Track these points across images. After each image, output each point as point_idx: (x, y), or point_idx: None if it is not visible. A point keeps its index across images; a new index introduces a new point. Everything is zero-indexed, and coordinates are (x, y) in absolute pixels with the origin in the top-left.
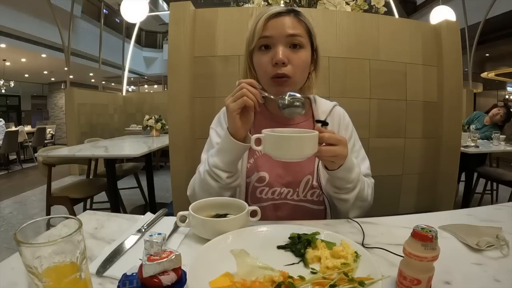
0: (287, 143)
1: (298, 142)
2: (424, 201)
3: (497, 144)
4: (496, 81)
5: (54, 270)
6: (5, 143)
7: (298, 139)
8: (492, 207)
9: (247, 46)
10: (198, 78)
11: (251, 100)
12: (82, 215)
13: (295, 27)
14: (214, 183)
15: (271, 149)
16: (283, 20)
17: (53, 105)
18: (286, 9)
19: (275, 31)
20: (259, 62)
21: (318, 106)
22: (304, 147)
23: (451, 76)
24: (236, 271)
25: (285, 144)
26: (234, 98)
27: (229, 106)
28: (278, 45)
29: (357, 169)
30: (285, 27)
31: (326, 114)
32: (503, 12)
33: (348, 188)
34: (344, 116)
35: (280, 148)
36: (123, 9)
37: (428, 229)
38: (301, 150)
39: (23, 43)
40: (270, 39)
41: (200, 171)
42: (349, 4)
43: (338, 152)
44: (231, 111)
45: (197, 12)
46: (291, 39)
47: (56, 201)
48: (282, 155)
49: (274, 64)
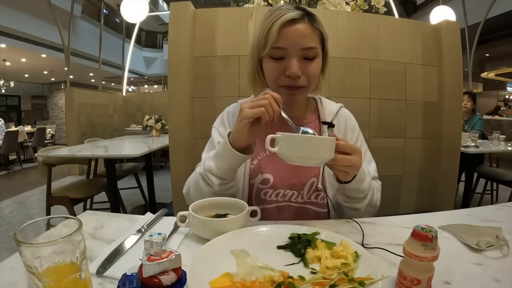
0: (306, 145)
1: (318, 144)
2: (424, 201)
3: (497, 144)
4: (496, 81)
5: (54, 270)
6: (5, 143)
7: (318, 141)
8: (492, 207)
9: (257, 51)
10: (198, 78)
11: (269, 114)
12: (82, 215)
13: (311, 37)
14: (206, 188)
15: (288, 151)
16: (297, 28)
17: (53, 105)
18: (300, 15)
19: (290, 42)
20: (271, 70)
21: (324, 107)
22: (322, 151)
23: (451, 76)
24: (236, 271)
25: (304, 145)
26: (253, 105)
27: (244, 111)
28: (292, 58)
29: (368, 178)
30: (300, 38)
31: (332, 116)
32: (503, 12)
33: (359, 198)
34: (350, 118)
35: (298, 150)
36: (123, 9)
37: (428, 229)
38: (319, 153)
39: (23, 43)
40: (284, 50)
41: (197, 171)
42: (349, 4)
43: (353, 162)
44: (244, 117)
45: (197, 12)
46: (306, 52)
47: (56, 201)
48: (299, 157)
49: (287, 76)
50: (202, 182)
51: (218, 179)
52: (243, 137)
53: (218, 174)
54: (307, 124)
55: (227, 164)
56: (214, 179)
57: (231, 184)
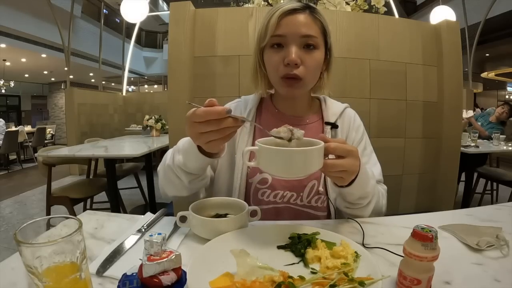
0: (286, 158)
1: (300, 157)
2: (424, 201)
3: (497, 144)
4: (496, 81)
5: (54, 270)
6: (5, 143)
7: (299, 154)
8: (492, 207)
9: (258, 42)
10: (198, 78)
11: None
12: (82, 215)
13: (310, 26)
14: (176, 180)
15: (266, 165)
16: (297, 18)
17: (53, 105)
18: (301, 6)
19: (289, 30)
20: (270, 61)
21: (328, 107)
22: (307, 163)
23: (451, 76)
24: (236, 271)
25: (283, 159)
26: (191, 123)
27: (186, 128)
28: (291, 45)
29: (373, 181)
30: (300, 26)
31: (336, 117)
32: (503, 12)
33: (361, 204)
34: (355, 118)
35: (277, 164)
36: (123, 9)
37: (428, 229)
38: (303, 167)
39: (23, 43)
40: (283, 38)
41: (167, 155)
42: (349, 4)
43: (347, 167)
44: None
45: (197, 12)
46: (305, 40)
47: (56, 201)
48: (279, 172)
49: (285, 64)
50: (171, 173)
51: (188, 176)
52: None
53: (187, 170)
54: (309, 125)
55: (196, 164)
56: (183, 176)
57: (202, 177)
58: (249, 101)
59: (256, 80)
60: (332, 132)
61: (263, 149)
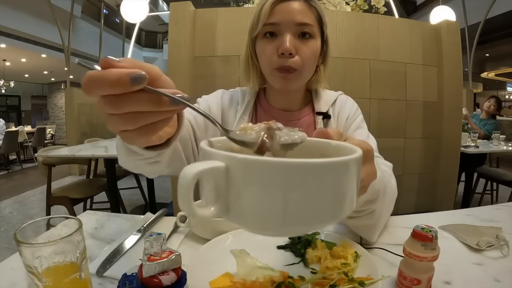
0: (295, 190)
1: (330, 180)
2: (424, 201)
3: (497, 144)
4: (496, 81)
5: (54, 270)
6: (5, 143)
7: (329, 172)
8: (492, 207)
9: (250, 31)
10: (198, 78)
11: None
12: (82, 215)
13: (306, 14)
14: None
15: (246, 209)
16: (292, 5)
17: (53, 105)
18: None
19: (283, 17)
20: (263, 51)
21: (319, 97)
22: (339, 196)
23: (451, 76)
24: (236, 271)
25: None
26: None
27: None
28: (286, 34)
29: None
30: (294, 13)
31: (328, 106)
32: (503, 12)
33: (369, 209)
34: (346, 101)
35: (273, 203)
36: (123, 9)
37: (428, 229)
38: (332, 203)
39: (23, 43)
40: (276, 26)
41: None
42: (349, 4)
43: (364, 181)
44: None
45: (197, 12)
46: (301, 28)
47: (56, 201)
48: (274, 223)
49: (280, 54)
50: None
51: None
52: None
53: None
54: (301, 119)
55: (126, 158)
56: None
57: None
58: (247, 92)
59: (248, 73)
60: (324, 122)
61: (237, 162)
